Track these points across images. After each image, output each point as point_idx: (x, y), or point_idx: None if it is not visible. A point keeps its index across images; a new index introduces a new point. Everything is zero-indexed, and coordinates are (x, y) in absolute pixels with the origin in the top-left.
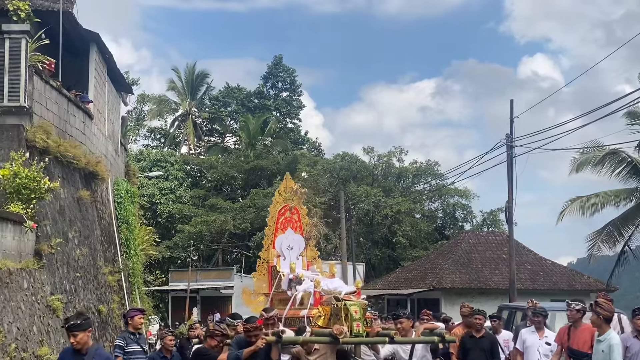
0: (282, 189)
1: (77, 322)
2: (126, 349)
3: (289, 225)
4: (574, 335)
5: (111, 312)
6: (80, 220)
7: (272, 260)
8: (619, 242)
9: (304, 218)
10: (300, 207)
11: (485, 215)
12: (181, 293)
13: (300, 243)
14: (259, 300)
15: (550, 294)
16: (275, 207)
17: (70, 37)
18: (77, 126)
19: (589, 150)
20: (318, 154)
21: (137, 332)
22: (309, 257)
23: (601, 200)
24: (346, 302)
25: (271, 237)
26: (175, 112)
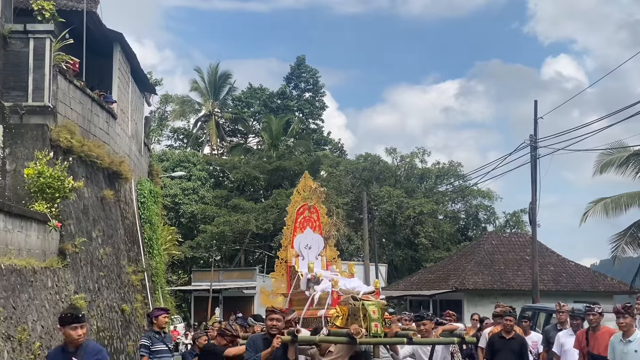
0: (300, 187)
1: (81, 314)
2: (152, 348)
3: (307, 224)
4: (593, 340)
5: (134, 312)
6: (103, 219)
7: (291, 260)
8: None
9: (323, 217)
10: (320, 206)
11: (508, 217)
12: (204, 293)
13: (320, 242)
14: (277, 300)
15: (573, 296)
16: (294, 206)
17: (94, 37)
18: (100, 126)
19: (613, 151)
20: (340, 155)
21: (162, 331)
22: (329, 256)
23: (625, 201)
24: (364, 302)
25: (290, 237)
26: (198, 112)
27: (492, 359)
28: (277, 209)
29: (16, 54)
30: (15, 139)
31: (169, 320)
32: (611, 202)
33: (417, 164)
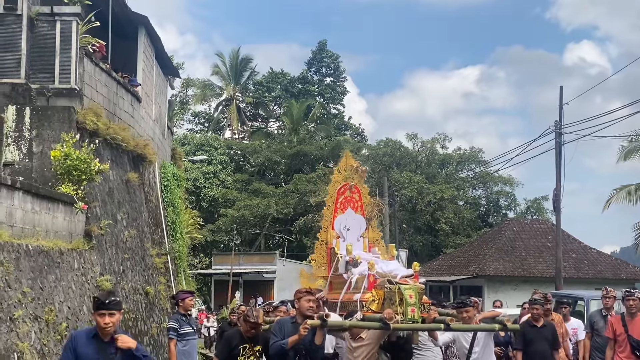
0: (341, 166)
1: (116, 300)
2: (180, 330)
3: (348, 205)
4: (633, 326)
5: (158, 294)
6: (128, 202)
7: (332, 242)
8: None
9: (365, 197)
10: (362, 186)
11: (529, 203)
12: (224, 276)
13: (362, 223)
14: (317, 283)
15: (595, 283)
16: (335, 186)
17: (119, 20)
18: (125, 109)
19: (638, 138)
20: (361, 140)
21: (187, 313)
22: (371, 238)
23: None
24: (400, 286)
25: (330, 218)
26: (219, 96)
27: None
28: (297, 194)
29: (43, 37)
30: (42, 121)
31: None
32: (635, 189)
33: (438, 150)
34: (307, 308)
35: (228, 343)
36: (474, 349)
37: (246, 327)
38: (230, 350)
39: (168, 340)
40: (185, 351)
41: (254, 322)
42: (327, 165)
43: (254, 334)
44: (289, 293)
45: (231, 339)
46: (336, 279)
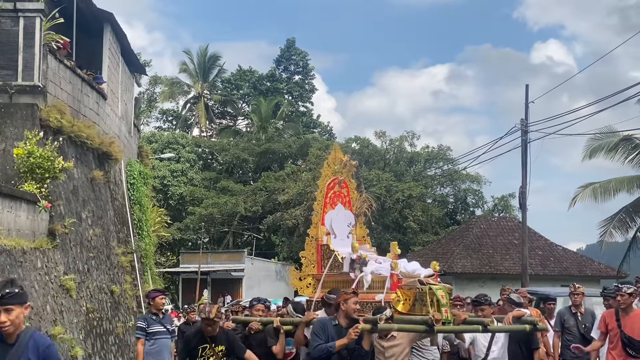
0: (330, 160)
1: (13, 292)
2: (148, 330)
3: (338, 200)
4: (626, 322)
5: (124, 293)
6: (93, 200)
7: (322, 239)
8: (631, 228)
9: (352, 192)
10: (349, 181)
11: (497, 201)
12: (192, 275)
13: (351, 219)
14: (307, 282)
15: (561, 280)
16: (324, 180)
17: (84, 16)
18: (90, 106)
19: (603, 136)
20: (330, 138)
21: (159, 312)
22: (359, 235)
23: (614, 186)
24: (431, 286)
25: (320, 213)
26: (187, 94)
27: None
28: (265, 192)
29: (6, 33)
30: (5, 118)
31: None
32: (600, 187)
33: (407, 148)
34: (354, 310)
35: (187, 343)
36: (492, 348)
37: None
38: (189, 351)
39: (135, 339)
40: (153, 350)
41: (206, 318)
42: (296, 163)
43: (211, 332)
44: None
45: (190, 338)
46: (332, 277)
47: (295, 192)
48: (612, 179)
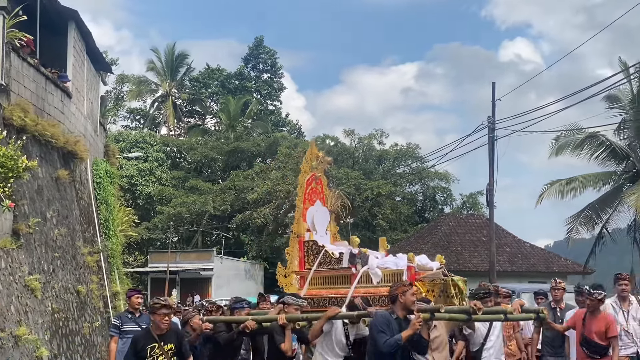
0: (308, 156)
1: None
2: (122, 328)
3: (316, 196)
4: (590, 323)
5: (90, 293)
6: (58, 200)
7: (303, 235)
8: (597, 224)
9: (325, 189)
10: (323, 177)
11: (465, 199)
12: (161, 274)
13: (327, 216)
14: (291, 278)
15: (528, 276)
16: (303, 177)
17: (48, 14)
18: (55, 105)
19: (569, 133)
20: (299, 136)
21: (136, 311)
22: (333, 231)
23: (580, 183)
24: (453, 278)
25: (301, 209)
26: (155, 93)
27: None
28: (234, 191)
29: None
30: None
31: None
32: (566, 184)
33: (375, 146)
34: (412, 302)
35: (134, 344)
36: (490, 337)
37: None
38: (135, 353)
39: (109, 337)
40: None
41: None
42: (264, 162)
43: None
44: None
45: (138, 338)
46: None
47: (264, 190)
48: (578, 176)
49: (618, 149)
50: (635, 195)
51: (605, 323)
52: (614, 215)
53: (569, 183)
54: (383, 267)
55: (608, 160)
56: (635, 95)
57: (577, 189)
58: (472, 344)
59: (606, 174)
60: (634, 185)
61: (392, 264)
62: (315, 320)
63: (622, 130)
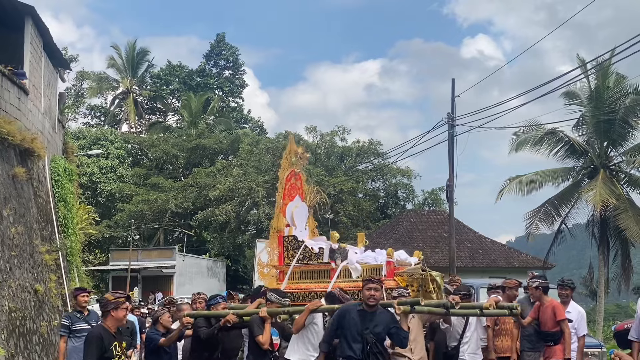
0: (288, 152)
1: None
2: (72, 327)
3: (295, 192)
4: (541, 315)
5: (48, 292)
6: (15, 198)
7: (282, 230)
8: (556, 220)
9: (304, 185)
10: (302, 173)
11: (427, 195)
12: (122, 272)
13: (306, 211)
14: (272, 273)
15: (488, 272)
16: (283, 173)
17: (4, 9)
18: (11, 102)
19: (528, 129)
20: (261, 133)
21: (84, 310)
22: (310, 227)
23: (539, 179)
24: (431, 273)
25: (281, 204)
26: (116, 90)
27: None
28: (196, 188)
29: None
30: None
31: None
32: (526, 179)
33: (337, 143)
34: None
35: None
36: (466, 334)
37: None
38: (103, 352)
39: (59, 337)
40: (77, 348)
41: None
42: (227, 159)
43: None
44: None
45: (101, 337)
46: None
47: (226, 187)
48: (537, 172)
49: (577, 145)
50: (594, 190)
51: (552, 309)
52: (573, 211)
53: (528, 179)
54: (362, 262)
55: (567, 156)
56: (593, 92)
57: (537, 185)
58: (449, 339)
59: (565, 169)
60: (592, 180)
61: (372, 259)
62: (296, 314)
63: (580, 127)
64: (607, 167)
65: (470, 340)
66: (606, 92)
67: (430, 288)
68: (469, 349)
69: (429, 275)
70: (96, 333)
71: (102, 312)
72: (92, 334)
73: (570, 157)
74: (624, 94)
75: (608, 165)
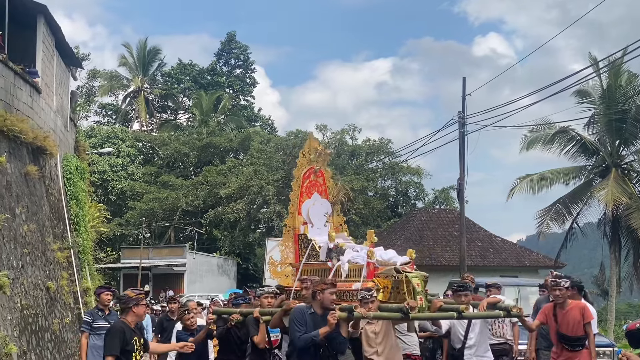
0: (306, 149)
1: None
2: (93, 324)
3: (314, 189)
4: (562, 318)
5: (60, 289)
6: (27, 195)
7: (299, 228)
8: (567, 219)
9: (328, 181)
10: (325, 170)
11: (437, 193)
12: (133, 270)
13: (327, 208)
14: (285, 271)
15: (499, 270)
16: (300, 170)
17: (16, 8)
18: (24, 100)
19: (539, 128)
20: (271, 132)
21: (105, 308)
22: (335, 223)
23: (550, 178)
24: (407, 274)
25: (297, 203)
26: (127, 88)
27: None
28: (207, 186)
29: None
30: None
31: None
32: (537, 178)
33: (348, 141)
34: (331, 301)
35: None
36: (469, 335)
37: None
38: (124, 345)
39: (80, 332)
40: (96, 345)
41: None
42: (237, 157)
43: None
44: (200, 286)
45: (123, 331)
46: (310, 266)
47: (237, 186)
48: (548, 171)
49: (588, 144)
50: (605, 189)
51: (580, 310)
52: (584, 210)
53: (539, 178)
54: (353, 261)
55: (578, 155)
56: (605, 90)
57: (548, 184)
58: (452, 341)
59: (576, 168)
60: (604, 179)
61: (361, 259)
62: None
63: (592, 125)
64: (618, 166)
65: (477, 343)
66: (618, 91)
67: (403, 290)
68: (476, 352)
69: (405, 276)
70: (118, 327)
71: (122, 309)
72: (114, 327)
73: (582, 156)
74: (636, 92)
75: (620, 164)
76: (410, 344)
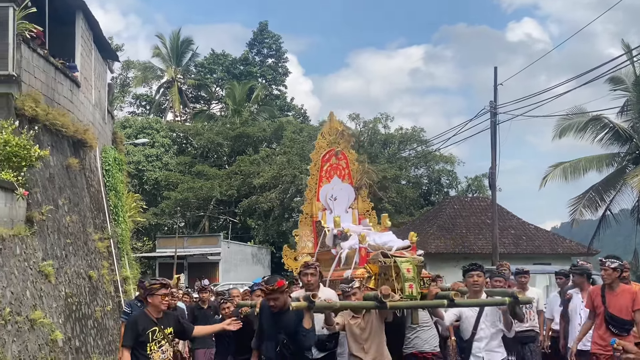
0: (325, 131)
1: None
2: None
3: (334, 172)
4: (610, 299)
5: (101, 278)
6: (69, 187)
7: (317, 215)
8: (600, 206)
9: (352, 164)
10: (348, 152)
11: (470, 181)
12: (168, 259)
13: (350, 193)
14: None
15: (533, 258)
16: (318, 153)
17: (56, 5)
18: (64, 94)
19: (572, 116)
20: (304, 121)
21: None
22: (361, 209)
23: (583, 165)
24: (396, 259)
25: (315, 188)
26: (161, 78)
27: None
28: (240, 175)
29: None
30: None
31: None
32: (570, 166)
33: (380, 130)
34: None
35: (133, 327)
36: (480, 326)
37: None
38: (135, 337)
39: (120, 323)
40: None
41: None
42: (270, 147)
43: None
44: (234, 275)
45: (136, 323)
46: (323, 255)
47: (270, 175)
48: (582, 158)
49: (621, 131)
50: (639, 176)
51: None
52: (618, 197)
53: (572, 165)
54: (354, 248)
55: (611, 142)
56: (638, 77)
57: (581, 171)
58: (462, 331)
59: (609, 155)
60: (637, 166)
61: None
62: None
63: (625, 112)
64: None
65: (488, 336)
66: None
67: (391, 276)
68: (487, 346)
69: (393, 262)
70: (132, 318)
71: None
72: (130, 319)
73: (615, 143)
74: None
75: None
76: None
